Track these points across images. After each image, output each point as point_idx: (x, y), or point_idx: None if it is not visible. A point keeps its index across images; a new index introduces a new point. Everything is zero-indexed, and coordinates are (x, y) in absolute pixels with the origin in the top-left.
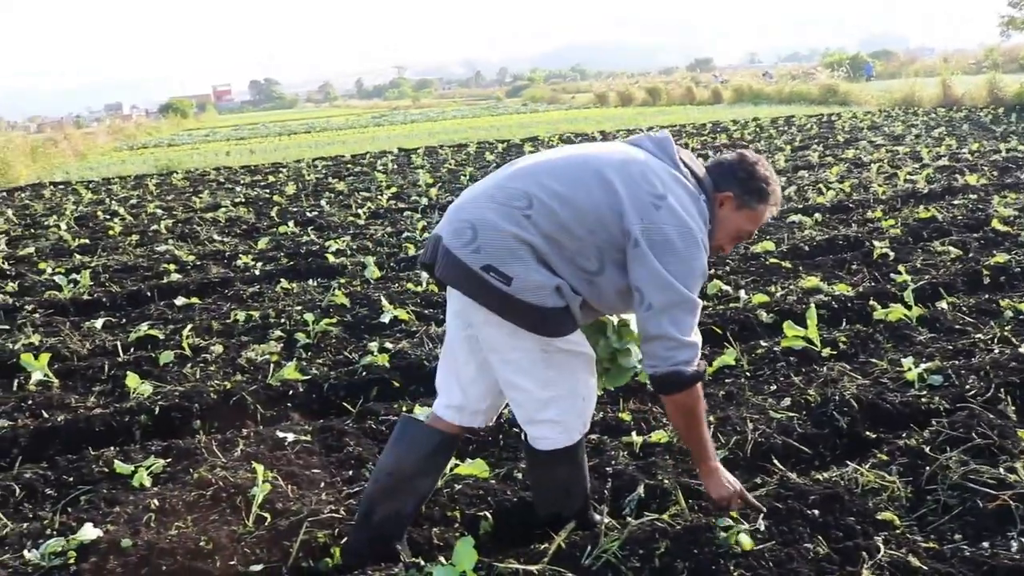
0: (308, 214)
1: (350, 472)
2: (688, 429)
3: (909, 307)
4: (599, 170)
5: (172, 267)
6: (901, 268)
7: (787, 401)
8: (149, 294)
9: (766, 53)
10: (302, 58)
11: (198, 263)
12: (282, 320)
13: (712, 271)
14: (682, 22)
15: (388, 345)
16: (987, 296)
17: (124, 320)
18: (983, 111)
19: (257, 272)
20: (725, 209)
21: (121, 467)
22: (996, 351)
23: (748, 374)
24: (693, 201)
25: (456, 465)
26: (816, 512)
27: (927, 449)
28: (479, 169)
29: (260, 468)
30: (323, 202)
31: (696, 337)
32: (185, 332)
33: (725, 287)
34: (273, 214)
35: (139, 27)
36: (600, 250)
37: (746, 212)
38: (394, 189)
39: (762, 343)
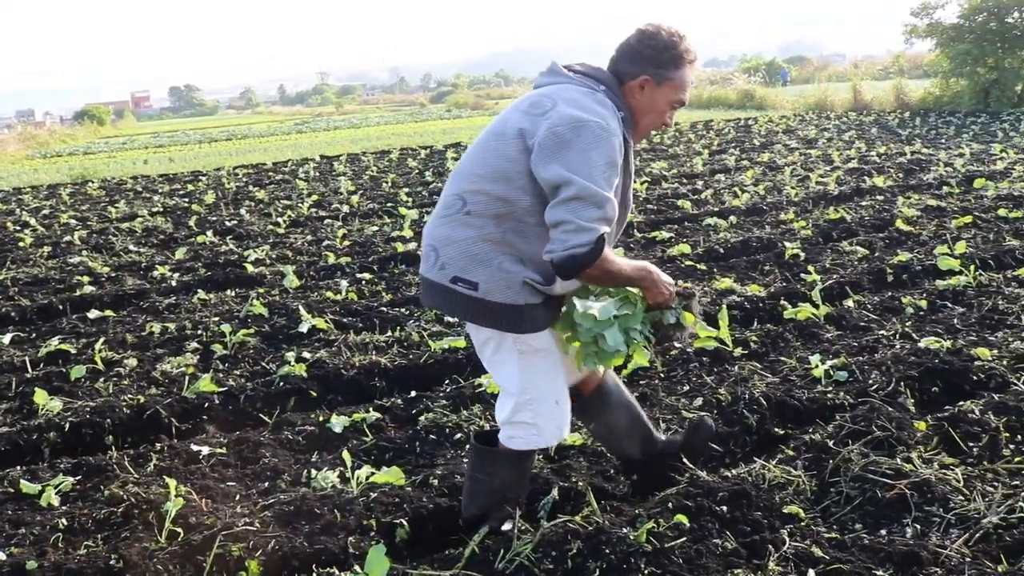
0: (227, 223)
1: (265, 484)
2: (615, 281)
3: (817, 306)
4: (502, 131)
5: (85, 279)
6: (811, 268)
7: (699, 401)
8: (61, 307)
9: None
10: (223, 64)
11: (113, 275)
12: (199, 332)
13: None
14: (606, 28)
15: (306, 355)
16: (890, 294)
17: (34, 335)
18: (890, 115)
19: (174, 283)
20: (647, 91)
21: (27, 487)
22: (898, 346)
23: (662, 375)
24: (587, 95)
25: (372, 474)
26: (725, 508)
27: (831, 443)
28: (401, 176)
29: (172, 483)
30: (243, 211)
31: (596, 225)
32: (98, 346)
33: None
34: (191, 223)
35: (54, 33)
36: (541, 196)
37: (668, 84)
38: (315, 197)
39: (675, 344)
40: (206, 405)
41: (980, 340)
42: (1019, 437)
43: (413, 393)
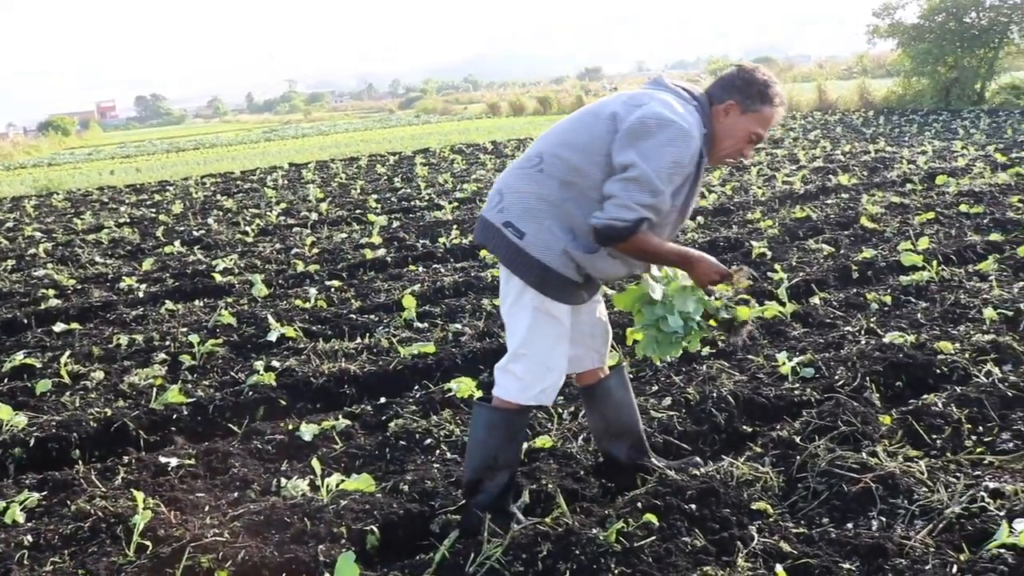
0: (195, 233)
1: (235, 494)
2: (651, 260)
3: (784, 304)
4: (597, 110)
5: (51, 292)
6: (777, 267)
7: (668, 400)
8: (26, 321)
9: (654, 61)
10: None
11: (79, 287)
12: (166, 343)
13: None
14: (571, 32)
15: (275, 363)
16: (856, 290)
17: None
18: (855, 114)
19: (141, 294)
20: (731, 116)
21: None
22: (863, 342)
23: (631, 376)
24: (681, 103)
25: (342, 481)
26: (694, 507)
27: (798, 439)
28: (370, 182)
29: (140, 495)
30: (211, 220)
31: (641, 210)
32: (64, 359)
33: (610, 291)
34: (159, 234)
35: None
36: (608, 176)
37: (752, 115)
38: (284, 205)
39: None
40: (174, 416)
41: (943, 334)
42: (980, 428)
43: (383, 400)
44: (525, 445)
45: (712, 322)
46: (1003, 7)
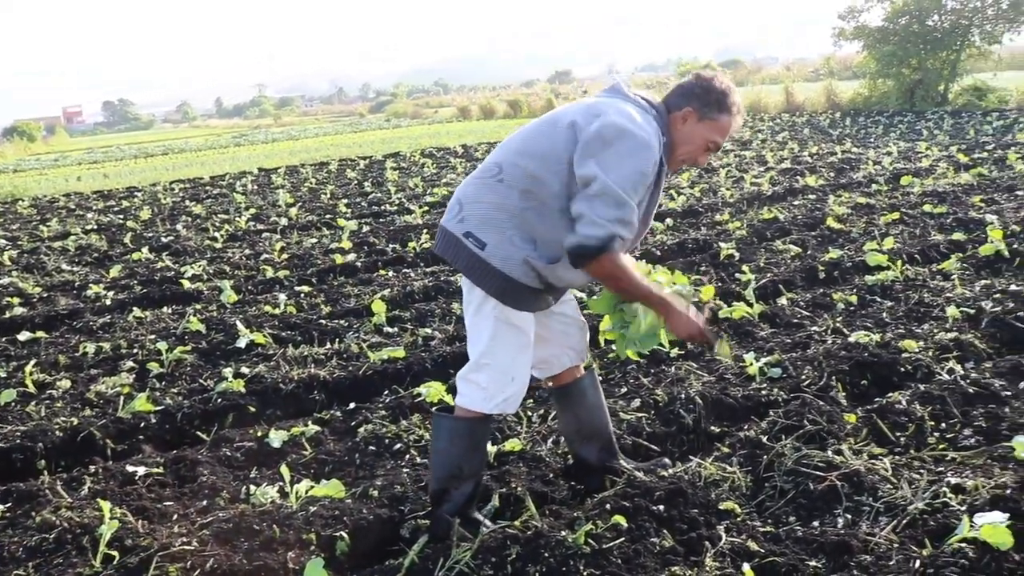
0: (163, 239)
1: (204, 502)
2: (620, 290)
3: (751, 305)
4: (556, 119)
5: (15, 300)
6: (745, 268)
7: (637, 402)
8: None
9: (623, 64)
10: (159, 77)
11: (45, 295)
12: (134, 350)
13: None
14: (542, 36)
15: (244, 370)
16: (822, 290)
17: None
18: (822, 116)
19: (108, 302)
20: (688, 124)
21: None
22: (829, 341)
23: (600, 378)
24: (640, 113)
25: (311, 487)
26: (662, 507)
27: (765, 439)
28: (340, 187)
29: (107, 505)
30: (179, 226)
31: (612, 225)
32: (29, 368)
33: (579, 293)
34: (127, 240)
35: None
36: (573, 188)
37: (709, 123)
38: (253, 210)
39: (614, 347)
40: (142, 425)
41: (907, 333)
42: (943, 425)
43: (352, 405)
44: (494, 449)
45: None
46: (964, 10)
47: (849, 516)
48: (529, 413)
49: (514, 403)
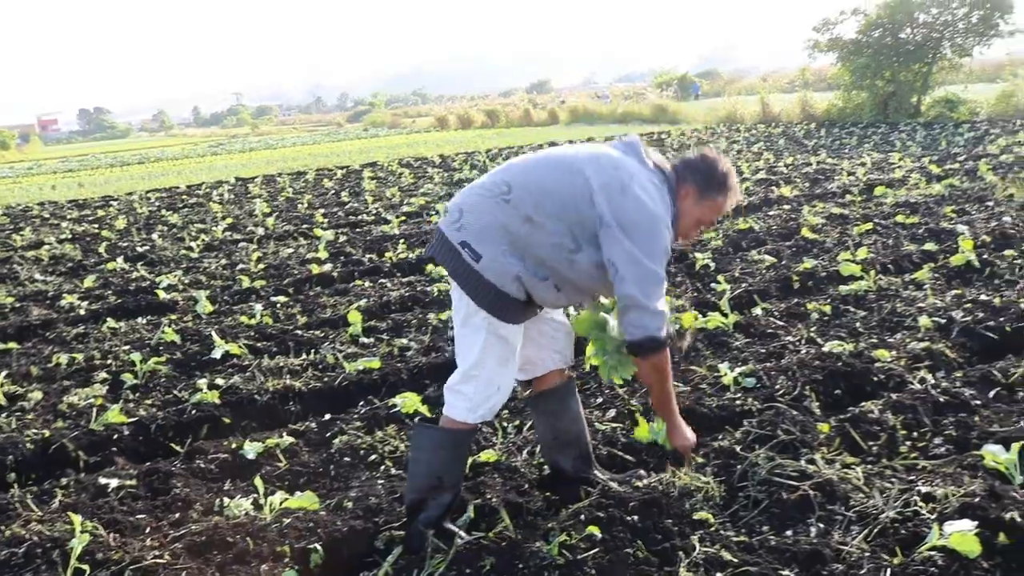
0: (139, 249)
1: (177, 515)
2: (660, 385)
3: (726, 315)
4: (572, 163)
5: None
6: (720, 278)
7: (612, 412)
8: None
9: (603, 74)
10: (136, 86)
11: (17, 305)
12: (108, 361)
13: None
14: (521, 46)
15: (219, 381)
16: (796, 300)
17: None
18: (797, 126)
19: (82, 312)
20: (688, 201)
21: None
22: (803, 351)
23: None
24: (657, 190)
25: (285, 499)
26: (636, 518)
27: (739, 449)
28: (317, 196)
29: (77, 518)
30: (155, 236)
31: (663, 306)
32: None
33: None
34: (101, 250)
35: None
36: (574, 231)
37: (707, 203)
38: (230, 220)
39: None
40: (115, 437)
41: (880, 342)
42: (915, 434)
43: (327, 416)
44: (469, 459)
45: None
46: (935, 24)
47: (822, 525)
48: (505, 424)
49: (495, 411)
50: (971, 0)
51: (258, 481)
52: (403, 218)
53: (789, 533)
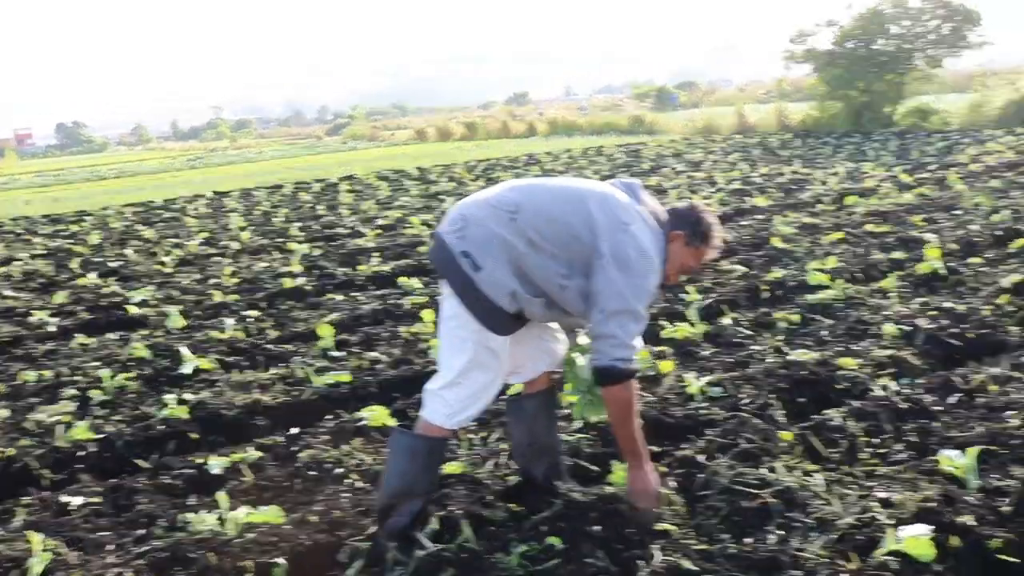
0: (111, 264)
1: (140, 531)
2: (623, 421)
3: (693, 325)
4: (580, 195)
5: None
6: (690, 288)
7: (577, 424)
8: None
9: (581, 86)
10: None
11: None
12: (76, 378)
13: None
14: (501, 58)
15: (188, 396)
16: (765, 310)
17: None
18: (773, 137)
19: (52, 328)
20: (675, 245)
21: None
22: (770, 360)
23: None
24: (653, 234)
25: (249, 513)
26: (598, 528)
27: (701, 458)
28: (294, 210)
29: (37, 537)
30: (129, 251)
31: (637, 343)
32: None
33: None
34: (74, 266)
35: None
36: (571, 260)
37: (692, 250)
38: (205, 234)
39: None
40: (81, 454)
41: (846, 351)
42: (876, 440)
43: (295, 430)
44: None
45: None
46: (907, 35)
47: (781, 532)
48: (471, 436)
49: (471, 421)
50: (941, 12)
51: (221, 495)
52: (379, 231)
53: (749, 540)
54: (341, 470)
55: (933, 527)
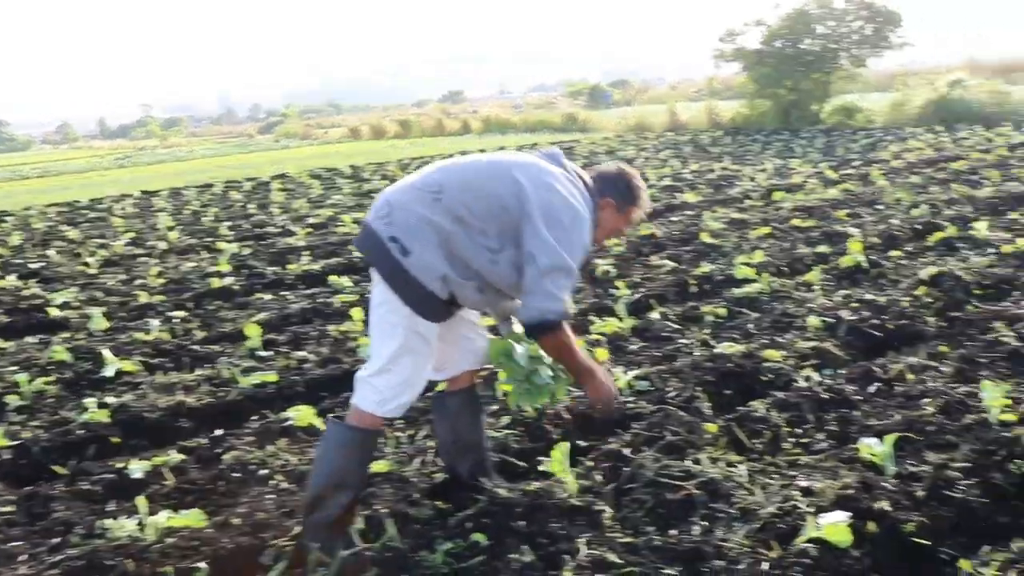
0: (32, 266)
1: (56, 539)
2: (567, 357)
3: (621, 320)
4: (503, 166)
5: None
6: (620, 283)
7: (506, 419)
8: None
9: (515, 84)
10: (38, 96)
11: None
12: None
13: None
14: (438, 55)
15: (110, 400)
16: (693, 304)
17: None
18: (704, 134)
19: None
20: (607, 212)
21: None
22: (697, 354)
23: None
24: (581, 195)
25: (170, 517)
26: (523, 523)
27: (627, 451)
28: (224, 209)
29: None
30: (51, 252)
31: (567, 297)
32: None
33: None
34: None
35: None
36: (502, 231)
37: (623, 215)
38: (131, 234)
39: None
40: None
41: (771, 343)
42: (799, 430)
43: (219, 431)
44: None
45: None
46: (832, 35)
47: (705, 523)
48: (398, 434)
49: (404, 408)
50: (864, 13)
51: (141, 500)
52: (309, 229)
53: (673, 532)
54: (266, 471)
55: (851, 514)
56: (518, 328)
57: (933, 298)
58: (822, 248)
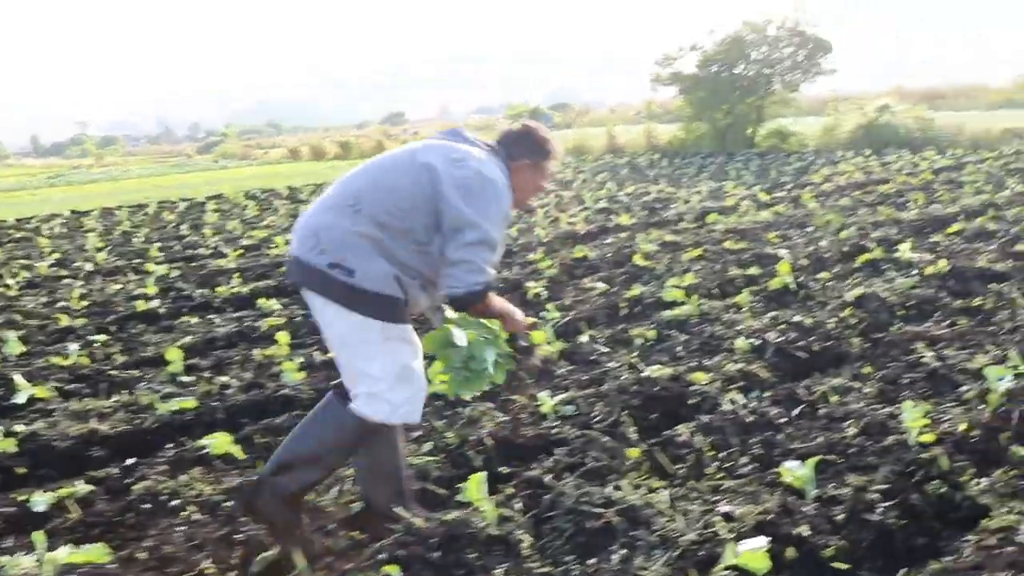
0: None
1: None
2: (488, 314)
3: (550, 343)
4: (413, 156)
5: None
6: (550, 306)
7: (428, 446)
8: None
9: (457, 106)
10: None
11: None
12: None
13: None
14: (377, 78)
15: (18, 428)
16: (623, 326)
17: None
18: (642, 157)
19: None
20: (523, 174)
21: None
22: (624, 377)
23: None
24: (491, 161)
25: (72, 553)
26: (438, 554)
27: (549, 478)
28: (156, 230)
29: None
30: None
31: (491, 269)
32: None
33: None
34: None
35: None
36: (426, 224)
37: (540, 171)
38: (57, 255)
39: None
40: None
41: (698, 366)
42: (722, 454)
43: (132, 460)
44: None
45: (511, 348)
46: (766, 61)
47: (625, 551)
48: None
49: (418, 409)
50: (796, 40)
51: (39, 535)
52: (241, 251)
53: (593, 560)
54: (177, 502)
55: (771, 539)
56: (451, 314)
57: (858, 319)
58: (752, 270)
